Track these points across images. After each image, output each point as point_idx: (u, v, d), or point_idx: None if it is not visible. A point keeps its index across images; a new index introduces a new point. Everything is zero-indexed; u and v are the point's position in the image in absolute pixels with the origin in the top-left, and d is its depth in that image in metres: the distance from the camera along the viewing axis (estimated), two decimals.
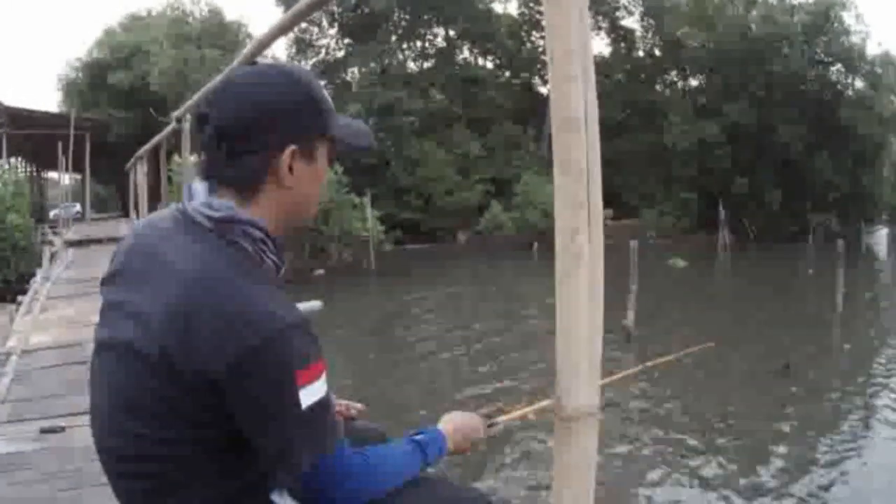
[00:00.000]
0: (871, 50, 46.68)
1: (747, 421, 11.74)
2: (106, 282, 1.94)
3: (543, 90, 54.57)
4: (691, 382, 13.66)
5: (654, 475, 9.76)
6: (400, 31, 52.73)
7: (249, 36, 45.76)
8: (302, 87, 1.88)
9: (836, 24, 45.62)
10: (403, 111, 46.70)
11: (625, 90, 52.15)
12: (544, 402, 2.13)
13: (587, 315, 1.71)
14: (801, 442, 10.87)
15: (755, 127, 45.83)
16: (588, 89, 1.67)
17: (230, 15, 49.34)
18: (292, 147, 1.83)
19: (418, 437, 2.13)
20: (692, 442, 10.91)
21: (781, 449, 10.55)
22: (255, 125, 1.81)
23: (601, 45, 55.11)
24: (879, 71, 45.50)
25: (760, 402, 12.78)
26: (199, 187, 1.87)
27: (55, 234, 28.18)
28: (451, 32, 53.78)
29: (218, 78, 2.93)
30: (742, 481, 9.45)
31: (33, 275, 17.56)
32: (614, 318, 16.36)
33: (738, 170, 46.59)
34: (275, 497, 1.89)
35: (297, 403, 1.69)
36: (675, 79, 56.60)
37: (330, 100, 1.94)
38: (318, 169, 1.94)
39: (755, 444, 10.76)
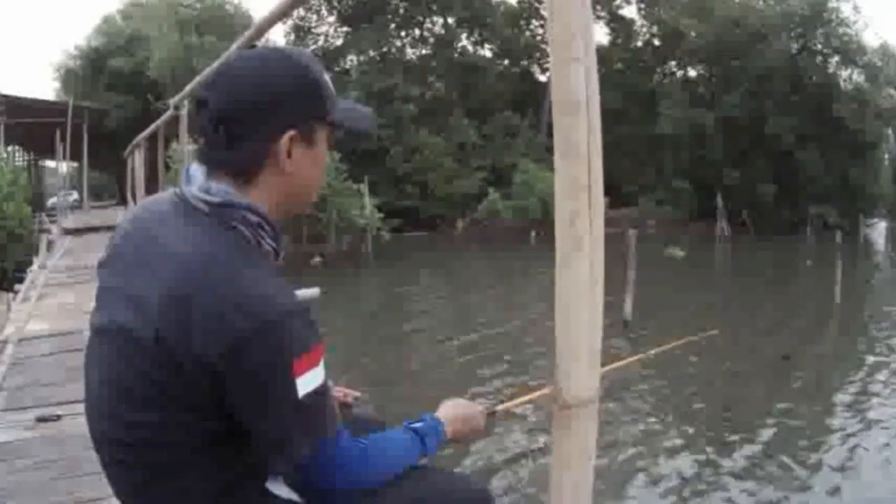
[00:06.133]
0: (870, 42, 46.69)
1: (747, 411, 11.76)
2: (103, 265, 1.93)
3: (542, 78, 54.63)
4: (690, 372, 13.68)
5: (652, 464, 9.77)
6: (398, 19, 52.64)
7: (250, 21, 45.66)
8: (302, 71, 1.85)
9: (833, 16, 45.54)
10: (401, 98, 46.67)
11: (623, 79, 52.05)
12: (543, 390, 2.12)
13: (587, 301, 1.69)
14: (800, 432, 10.88)
15: (751, 118, 45.80)
16: (589, 72, 1.65)
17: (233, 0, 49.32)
18: (291, 132, 1.81)
19: (417, 426, 2.12)
20: (691, 431, 10.93)
21: (780, 438, 10.55)
22: (253, 109, 1.79)
23: (600, 34, 55.05)
24: (879, 63, 45.44)
25: (760, 392, 12.80)
26: (197, 171, 1.85)
27: (52, 222, 28.20)
28: (450, 20, 53.70)
29: (217, 62, 2.90)
30: (741, 471, 9.46)
31: (30, 263, 17.56)
32: (612, 307, 16.33)
33: (734, 160, 46.59)
34: (271, 485, 1.88)
35: (294, 390, 1.67)
36: (674, 69, 56.59)
37: (331, 83, 1.92)
38: (318, 154, 1.91)
39: (754, 433, 10.77)
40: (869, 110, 43.04)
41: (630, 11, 56.80)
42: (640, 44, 57.14)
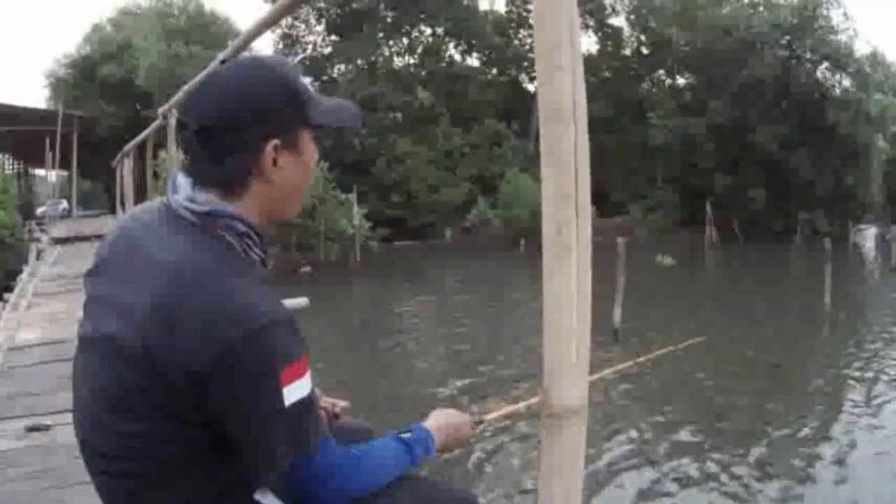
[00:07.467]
0: (860, 49, 46.72)
1: (738, 419, 11.75)
2: (90, 274, 1.94)
3: (531, 87, 54.58)
4: (680, 380, 13.67)
5: (642, 473, 9.75)
6: (385, 29, 52.57)
7: (236, 31, 45.73)
8: (279, 80, 1.86)
9: (822, 23, 45.60)
10: (387, 106, 46.74)
11: (612, 88, 52.02)
12: (531, 400, 2.12)
13: (574, 310, 1.70)
14: (791, 439, 10.88)
15: (740, 125, 45.85)
16: (576, 81, 1.65)
17: (217, 10, 49.43)
18: (275, 141, 1.82)
19: (405, 436, 2.13)
20: (682, 440, 10.91)
21: (770, 446, 10.55)
22: (234, 124, 1.79)
23: (589, 44, 55.01)
24: (868, 70, 45.47)
25: (750, 400, 12.78)
26: (184, 181, 1.85)
27: (42, 230, 28.14)
28: (438, 29, 53.72)
29: (200, 75, 2.91)
30: (732, 479, 9.45)
31: (20, 272, 17.50)
32: (601, 315, 16.31)
33: (724, 168, 46.61)
34: (258, 496, 1.88)
35: (280, 400, 1.67)
36: (663, 77, 56.59)
37: (309, 87, 1.92)
38: (304, 158, 1.92)
39: (745, 441, 10.76)
40: (859, 116, 43.08)
41: (619, 21, 56.88)
42: (628, 52, 57.14)
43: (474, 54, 56.23)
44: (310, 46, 53.04)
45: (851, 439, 10.83)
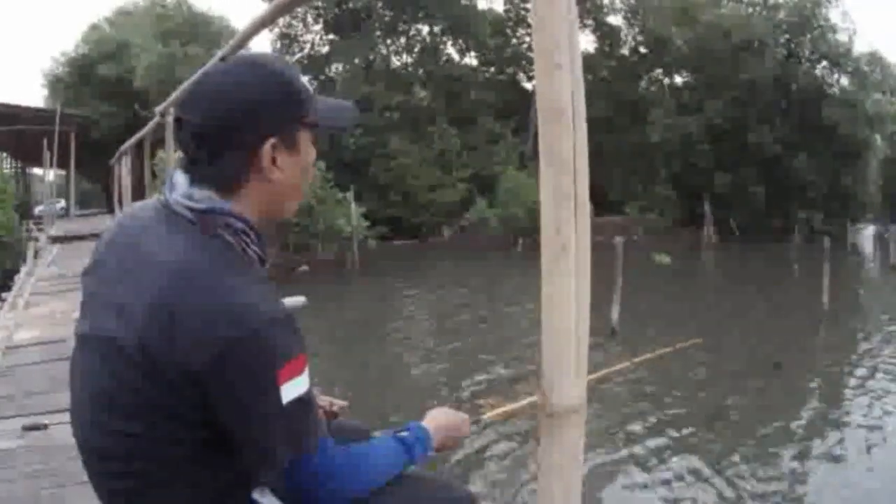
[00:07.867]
0: (859, 48, 46.68)
1: (735, 417, 11.75)
2: (87, 273, 1.93)
3: (529, 86, 54.45)
4: (678, 379, 13.66)
5: (640, 473, 9.76)
6: (383, 27, 52.49)
7: (233, 31, 45.71)
8: (275, 78, 1.85)
9: (821, 22, 45.56)
10: (384, 105, 46.71)
11: (610, 87, 51.81)
12: (530, 399, 2.12)
13: (573, 309, 1.69)
14: (790, 439, 10.88)
15: (738, 124, 45.76)
16: (575, 80, 1.65)
17: (212, 9, 49.43)
18: (272, 140, 1.81)
19: (403, 435, 2.12)
20: (681, 439, 10.91)
21: (770, 446, 10.55)
22: (231, 124, 1.78)
23: (587, 43, 54.71)
24: (867, 69, 45.44)
25: (749, 400, 12.79)
26: (181, 179, 1.84)
27: (40, 230, 28.11)
28: (436, 29, 53.64)
29: (196, 75, 2.90)
30: (730, 478, 9.44)
31: (17, 271, 17.47)
32: (599, 314, 16.31)
33: (721, 167, 46.49)
34: (257, 496, 1.87)
35: (279, 398, 1.67)
36: (660, 76, 56.46)
37: (307, 85, 1.91)
38: (303, 157, 1.91)
39: (744, 440, 10.76)
40: (858, 116, 43.05)
41: (616, 20, 56.74)
42: (626, 52, 57.01)
43: (472, 53, 56.09)
44: (307, 45, 53.05)
45: (850, 437, 10.85)
